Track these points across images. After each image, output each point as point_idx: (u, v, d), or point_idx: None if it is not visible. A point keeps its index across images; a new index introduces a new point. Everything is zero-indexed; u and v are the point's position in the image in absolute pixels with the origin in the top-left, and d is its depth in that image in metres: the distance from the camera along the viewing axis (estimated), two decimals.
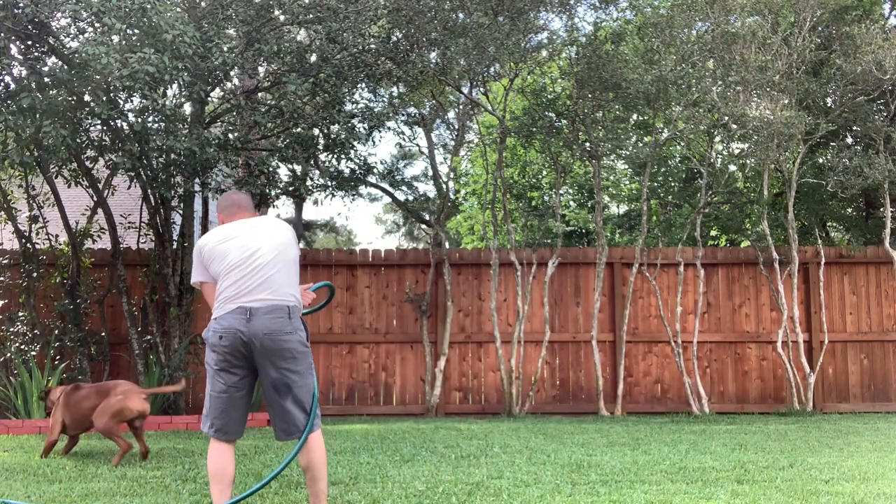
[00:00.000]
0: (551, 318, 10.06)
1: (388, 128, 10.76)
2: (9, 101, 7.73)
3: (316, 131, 9.54)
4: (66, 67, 7.80)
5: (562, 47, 10.39)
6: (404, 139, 11.93)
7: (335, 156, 9.81)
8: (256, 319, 3.50)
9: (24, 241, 9.37)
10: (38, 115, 7.75)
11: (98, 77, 7.56)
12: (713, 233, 14.40)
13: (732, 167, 11.14)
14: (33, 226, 9.56)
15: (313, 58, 9.42)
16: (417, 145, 14.38)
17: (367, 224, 48.78)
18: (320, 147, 9.66)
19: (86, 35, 7.79)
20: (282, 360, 3.53)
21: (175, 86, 8.83)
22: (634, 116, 11.28)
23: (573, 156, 10.96)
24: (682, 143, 11.07)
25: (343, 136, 9.53)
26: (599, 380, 9.74)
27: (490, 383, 10.14)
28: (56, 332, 9.07)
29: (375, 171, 10.37)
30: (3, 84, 7.96)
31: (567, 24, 10.47)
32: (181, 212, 9.27)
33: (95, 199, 9.37)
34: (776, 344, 9.84)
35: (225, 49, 8.32)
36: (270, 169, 9.65)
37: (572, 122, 10.26)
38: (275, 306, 3.54)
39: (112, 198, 9.64)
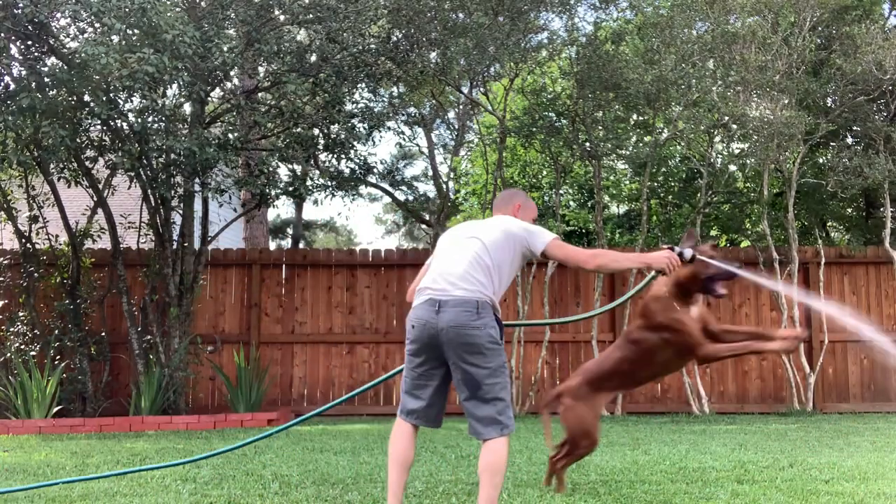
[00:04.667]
0: (551, 318, 10.06)
1: (388, 128, 10.74)
2: (9, 101, 7.73)
3: (316, 131, 9.54)
4: (65, 67, 7.80)
5: (562, 47, 10.39)
6: (404, 139, 11.92)
7: (335, 156, 9.80)
8: (444, 312, 3.41)
9: (24, 241, 9.37)
10: (37, 115, 7.75)
11: (98, 77, 7.57)
12: (713, 233, 14.39)
13: (732, 167, 11.13)
14: (33, 226, 9.56)
15: (313, 58, 9.41)
16: (417, 145, 14.38)
17: (367, 224, 48.74)
18: (320, 147, 9.66)
19: (85, 35, 7.79)
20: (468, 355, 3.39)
21: (175, 86, 8.83)
22: (634, 116, 11.28)
23: (573, 156, 10.95)
24: (682, 143, 11.06)
25: (343, 136, 9.53)
26: None
27: None
28: (56, 332, 9.07)
29: (375, 171, 10.36)
30: (3, 84, 7.97)
31: (567, 24, 10.47)
32: (181, 212, 9.27)
33: (95, 199, 9.37)
34: None
35: (225, 49, 8.32)
36: (270, 169, 9.65)
37: (572, 121, 10.26)
38: (462, 300, 3.41)
39: (112, 198, 9.64)
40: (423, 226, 14.66)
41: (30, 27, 7.68)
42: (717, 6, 9.83)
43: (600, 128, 10.46)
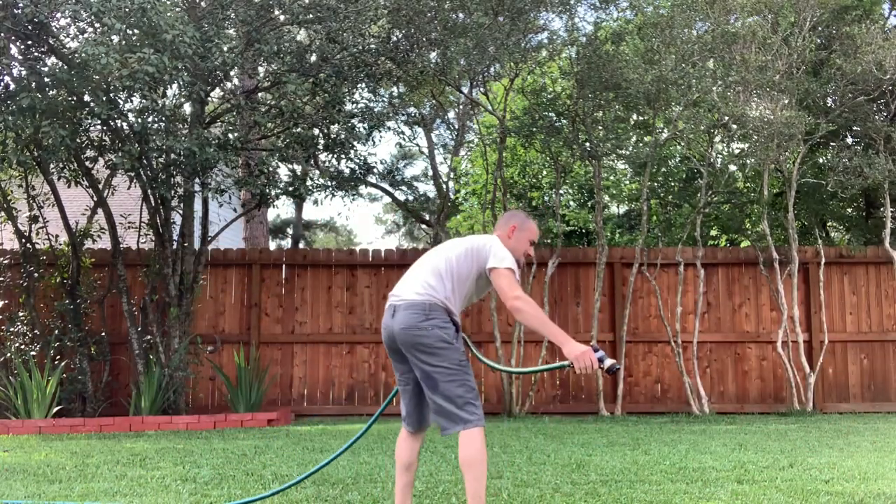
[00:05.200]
0: (551, 319, 10.02)
1: (388, 128, 10.74)
2: (9, 101, 7.73)
3: (316, 131, 9.54)
4: (65, 67, 7.80)
5: (562, 47, 10.39)
6: (404, 139, 11.92)
7: (335, 156, 9.80)
8: (397, 316, 3.57)
9: (24, 241, 9.37)
10: (37, 115, 7.75)
11: (98, 77, 7.57)
12: (713, 233, 14.39)
13: (732, 167, 11.13)
14: (33, 226, 9.56)
15: (313, 58, 9.41)
16: (417, 145, 14.40)
17: (367, 224, 48.80)
18: (320, 147, 9.66)
19: (85, 35, 7.79)
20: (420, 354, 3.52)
21: (175, 86, 8.83)
22: (634, 116, 11.28)
23: (573, 156, 10.95)
24: (682, 143, 11.06)
25: (343, 136, 9.53)
26: (599, 380, 9.73)
27: (490, 383, 10.14)
28: (56, 332, 9.07)
29: (375, 171, 10.36)
30: (3, 84, 7.97)
31: (567, 24, 10.47)
32: (181, 212, 9.27)
33: (95, 199, 9.37)
34: (776, 344, 9.83)
35: (225, 49, 8.32)
36: (270, 169, 9.65)
37: (572, 121, 10.26)
38: (412, 303, 3.56)
39: (112, 198, 9.64)
40: (423, 226, 14.68)
41: (30, 27, 7.68)
42: (717, 6, 9.83)
43: (600, 128, 10.46)
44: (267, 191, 9.40)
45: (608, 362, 3.36)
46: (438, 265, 3.66)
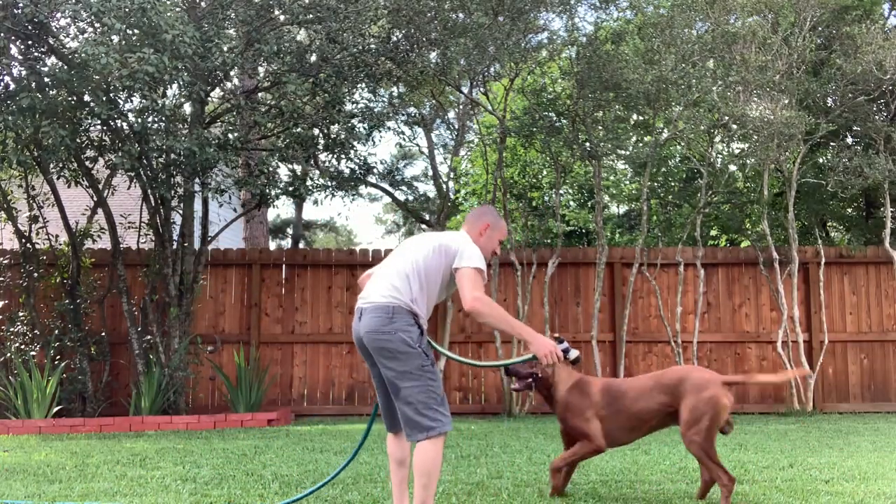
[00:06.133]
0: (551, 319, 10.06)
1: (388, 128, 10.74)
2: (9, 101, 7.73)
3: (316, 131, 9.54)
4: (65, 67, 7.80)
5: (562, 47, 10.38)
6: (404, 139, 11.92)
7: (335, 156, 9.80)
8: (363, 319, 3.59)
9: (24, 241, 9.37)
10: (37, 115, 7.75)
11: (98, 77, 7.57)
12: (713, 233, 14.39)
13: (732, 167, 11.13)
14: (33, 226, 9.56)
15: (313, 58, 9.41)
16: (417, 145, 14.39)
17: (367, 224, 48.80)
18: (320, 147, 9.65)
19: (85, 35, 7.79)
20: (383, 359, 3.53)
21: (175, 86, 8.83)
22: (634, 116, 11.27)
23: (573, 156, 10.95)
24: (682, 143, 11.06)
25: (343, 136, 9.53)
26: None
27: (490, 383, 10.15)
28: (56, 332, 9.07)
29: (375, 171, 10.36)
30: (3, 84, 7.97)
31: (567, 24, 10.47)
32: (181, 212, 9.27)
33: (95, 199, 9.37)
34: (776, 344, 9.83)
35: (225, 49, 8.32)
36: (270, 169, 9.65)
37: (572, 121, 10.26)
38: (377, 306, 3.55)
39: (112, 198, 9.64)
40: (423, 226, 14.66)
41: (30, 27, 7.68)
42: (717, 6, 9.83)
43: (600, 128, 10.46)
44: (267, 191, 9.40)
45: (573, 353, 3.65)
46: (405, 267, 3.61)
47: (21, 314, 9.23)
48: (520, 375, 4.32)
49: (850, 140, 11.50)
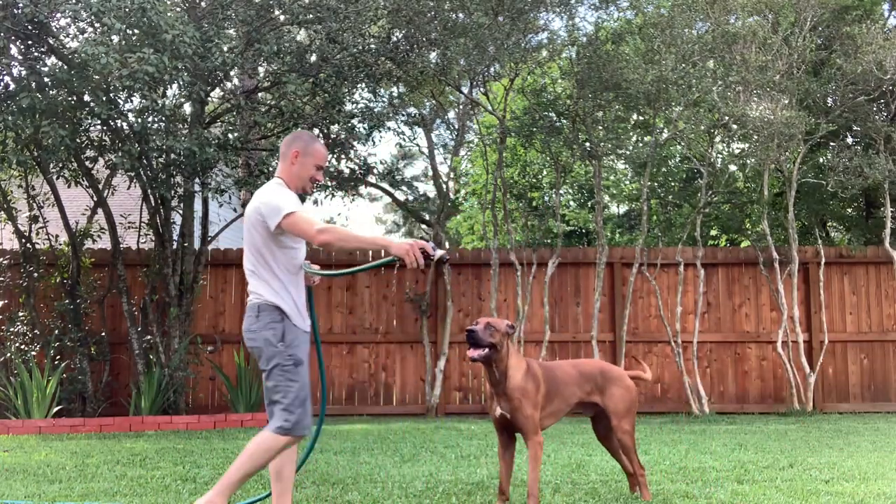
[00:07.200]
0: (551, 318, 10.06)
1: (388, 128, 10.75)
2: (9, 101, 7.73)
3: (316, 131, 9.54)
4: (65, 67, 7.80)
5: (562, 47, 10.38)
6: (404, 139, 11.93)
7: (335, 156, 9.81)
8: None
9: (24, 241, 9.37)
10: (37, 115, 7.75)
11: (98, 77, 7.56)
12: (713, 233, 14.40)
13: (732, 167, 11.13)
14: (33, 226, 9.56)
15: (313, 58, 9.41)
16: (417, 145, 14.41)
17: (367, 224, 48.74)
18: None
19: (85, 35, 7.79)
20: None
21: (175, 86, 8.83)
22: (634, 116, 11.27)
23: (573, 156, 10.95)
24: (683, 143, 11.06)
25: (343, 136, 9.53)
26: None
27: None
28: (56, 332, 9.06)
29: (375, 171, 10.37)
30: (3, 84, 7.96)
31: (567, 24, 10.47)
32: (181, 212, 9.27)
33: (95, 199, 9.37)
34: (776, 344, 9.83)
35: (225, 49, 8.32)
36: (270, 169, 9.65)
37: (572, 121, 10.26)
38: (249, 306, 3.58)
39: (112, 198, 9.64)
40: (423, 226, 14.68)
41: (30, 27, 7.68)
42: (718, 6, 9.83)
43: (600, 128, 10.46)
44: None
45: (438, 252, 3.36)
46: (248, 265, 3.58)
47: (21, 314, 9.22)
48: (480, 343, 3.98)
49: (850, 140, 11.50)
